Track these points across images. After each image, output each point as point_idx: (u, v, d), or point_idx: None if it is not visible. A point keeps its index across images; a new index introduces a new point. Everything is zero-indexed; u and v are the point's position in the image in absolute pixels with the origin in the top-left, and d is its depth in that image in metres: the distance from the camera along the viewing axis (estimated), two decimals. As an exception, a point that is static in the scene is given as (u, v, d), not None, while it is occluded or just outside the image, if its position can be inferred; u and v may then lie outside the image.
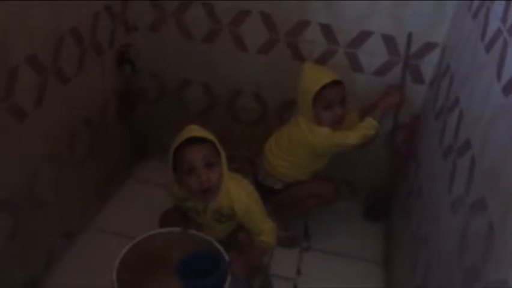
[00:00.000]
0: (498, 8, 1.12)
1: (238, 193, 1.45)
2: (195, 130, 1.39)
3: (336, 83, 1.58)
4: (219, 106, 2.02)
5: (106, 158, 1.91)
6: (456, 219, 1.11)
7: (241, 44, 1.82)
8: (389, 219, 1.98)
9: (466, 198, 1.06)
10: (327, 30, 1.71)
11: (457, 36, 1.47)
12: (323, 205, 1.78)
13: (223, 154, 1.42)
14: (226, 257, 1.39)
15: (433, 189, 1.38)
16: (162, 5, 1.82)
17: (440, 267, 1.15)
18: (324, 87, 1.56)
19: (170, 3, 1.81)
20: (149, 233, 1.47)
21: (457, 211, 1.12)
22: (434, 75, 1.68)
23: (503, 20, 1.07)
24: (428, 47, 1.65)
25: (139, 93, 2.03)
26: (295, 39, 1.76)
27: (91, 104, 1.71)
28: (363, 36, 1.69)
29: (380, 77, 1.76)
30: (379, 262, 1.84)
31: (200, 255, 1.42)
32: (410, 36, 1.64)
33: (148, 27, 1.88)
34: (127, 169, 2.14)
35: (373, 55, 1.72)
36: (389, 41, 1.68)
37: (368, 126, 1.62)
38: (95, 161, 1.82)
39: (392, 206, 1.95)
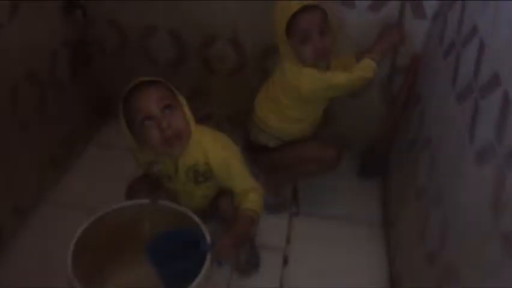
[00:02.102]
0: None
1: (212, 145, 1.23)
2: (143, 78, 1.17)
3: (309, 9, 1.32)
4: (190, 56, 1.75)
5: (61, 121, 1.65)
6: (485, 172, 0.90)
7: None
8: (387, 175, 1.78)
9: (499, 147, 0.85)
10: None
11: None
12: (322, 171, 1.56)
13: (181, 97, 1.20)
14: (207, 237, 1.16)
15: (447, 138, 1.16)
16: None
17: (464, 231, 0.96)
18: (294, 16, 1.31)
19: None
20: (112, 206, 1.24)
21: (485, 162, 0.91)
22: (437, 8, 1.44)
23: None
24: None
25: (94, 44, 1.74)
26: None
27: (33, 55, 1.43)
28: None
29: (374, 12, 1.51)
30: (378, 224, 1.66)
31: (176, 232, 1.20)
32: (410, -40, 1.39)
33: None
34: (88, 133, 1.87)
35: (367, -14, 1.47)
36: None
37: (365, 67, 1.38)
38: (47, 124, 1.55)
39: (389, 161, 1.75)
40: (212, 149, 1.22)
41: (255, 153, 1.56)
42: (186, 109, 1.19)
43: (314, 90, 1.39)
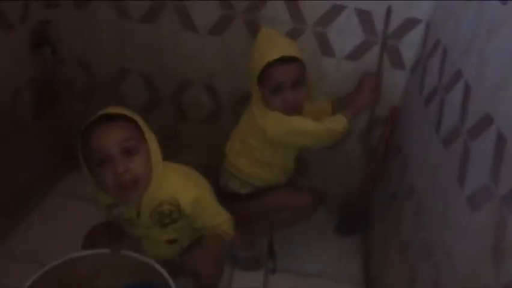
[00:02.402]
0: None
1: (183, 184, 1.13)
2: (109, 109, 1.05)
3: (287, 60, 1.26)
4: (163, 101, 1.68)
5: (20, 166, 1.51)
6: (480, 218, 0.83)
7: (189, 23, 1.51)
8: (366, 231, 1.69)
9: (496, 189, 0.79)
10: (292, 5, 1.44)
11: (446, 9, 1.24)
12: (298, 220, 1.46)
13: (150, 135, 1.08)
14: (173, 286, 1.04)
15: (433, 186, 1.10)
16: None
17: (460, 285, 0.87)
18: (269, 66, 1.25)
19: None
20: (67, 256, 1.10)
21: (479, 207, 0.84)
22: (416, 58, 1.44)
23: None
24: (410, 23, 1.41)
25: (62, 85, 1.66)
26: (254, 15, 1.46)
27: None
28: (335, 11, 1.43)
29: (353, 61, 1.50)
30: (358, 282, 1.54)
31: (138, 286, 1.06)
32: (389, 10, 1.40)
33: (73, 3, 1.52)
34: (50, 181, 1.73)
35: (346, 35, 1.46)
36: (364, 17, 1.42)
37: (337, 121, 1.33)
38: (2, 168, 1.42)
39: (369, 216, 1.67)
40: (183, 188, 1.12)
41: (226, 201, 1.46)
42: (154, 146, 1.08)
43: (279, 133, 1.31)
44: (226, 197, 1.44)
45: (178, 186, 1.12)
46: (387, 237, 1.41)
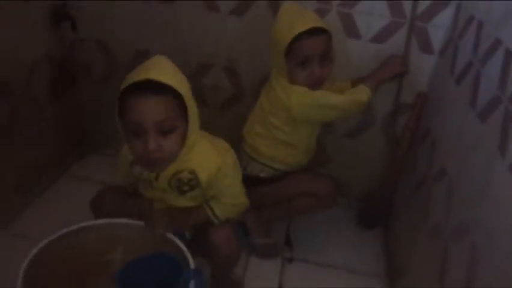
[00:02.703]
0: None
1: (205, 157, 1.07)
2: (156, 67, 0.96)
3: (315, 33, 1.22)
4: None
5: (32, 146, 1.47)
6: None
7: (210, 2, 1.48)
8: (390, 223, 1.61)
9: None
10: (317, -16, 1.40)
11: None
12: (317, 208, 1.40)
13: (192, 109, 1.01)
14: (191, 262, 0.98)
15: (467, 163, 1.03)
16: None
17: (501, 263, 0.79)
18: (298, 38, 1.21)
19: None
20: (73, 227, 1.04)
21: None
22: (446, 40, 1.38)
23: None
24: (440, 4, 1.36)
25: (81, 66, 1.63)
26: (278, -6, 1.43)
27: (8, 63, 1.29)
28: (361, -9, 1.39)
29: (379, 43, 1.44)
30: (381, 275, 1.46)
31: (152, 257, 1.01)
32: (418, -10, 1.35)
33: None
34: (61, 164, 1.69)
35: (372, 16, 1.41)
36: (392, -3, 1.38)
37: (359, 92, 1.30)
38: (15, 146, 1.38)
39: (392, 208, 1.60)
40: (205, 161, 1.06)
41: (246, 186, 1.40)
42: (192, 121, 1.01)
43: (304, 107, 1.27)
44: (246, 182, 1.39)
45: (201, 159, 1.07)
46: (414, 226, 1.33)
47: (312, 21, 1.23)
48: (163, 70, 0.97)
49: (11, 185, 1.42)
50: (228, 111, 1.65)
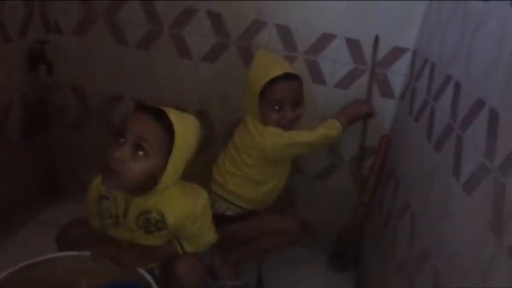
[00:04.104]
0: None
1: (177, 203, 1.08)
2: (171, 109, 1.06)
3: (288, 78, 1.30)
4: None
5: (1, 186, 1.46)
6: (478, 195, 0.81)
7: (184, 50, 1.56)
8: (359, 265, 1.62)
9: (491, 164, 0.78)
10: (284, 33, 1.50)
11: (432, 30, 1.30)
12: (285, 245, 1.41)
13: (179, 154, 1.03)
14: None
15: (428, 192, 1.08)
16: (90, 4, 1.54)
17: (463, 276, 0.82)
18: (272, 82, 1.28)
19: (100, 2, 1.53)
20: (41, 258, 1.03)
21: (476, 186, 0.82)
22: (405, 85, 1.48)
23: None
24: (397, 52, 1.47)
25: (55, 110, 1.66)
26: (248, 43, 1.52)
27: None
28: (325, 40, 1.49)
29: (343, 89, 1.53)
30: (353, 317, 1.45)
31: (118, 285, 0.99)
32: (377, 39, 1.46)
33: (72, 31, 1.57)
34: (31, 209, 1.66)
35: (336, 63, 1.51)
36: (353, 46, 1.48)
37: (330, 126, 1.36)
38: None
39: (361, 250, 1.61)
40: (176, 202, 1.08)
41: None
42: (172, 168, 1.03)
43: (278, 147, 1.32)
44: (212, 220, 1.40)
45: (171, 202, 1.08)
46: (383, 264, 1.35)
47: (286, 67, 1.32)
48: (177, 114, 1.08)
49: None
50: (199, 152, 1.67)
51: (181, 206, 1.08)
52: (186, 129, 1.04)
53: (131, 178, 1.00)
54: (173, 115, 1.03)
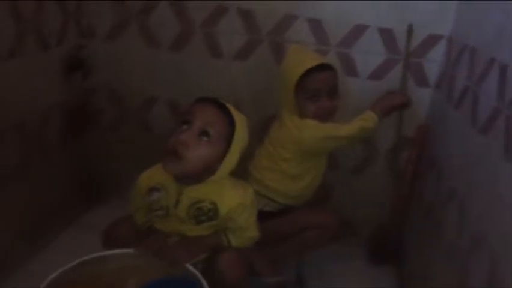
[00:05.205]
0: None
1: (232, 190, 1.12)
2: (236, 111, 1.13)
3: (323, 68, 1.30)
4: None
5: (40, 192, 1.48)
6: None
7: (215, 49, 1.57)
8: (401, 257, 1.59)
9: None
10: (316, 27, 1.49)
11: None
12: (323, 240, 1.40)
13: (237, 146, 1.10)
14: (205, 285, 0.97)
15: (476, 177, 1.06)
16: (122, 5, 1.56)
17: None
18: (307, 73, 1.29)
19: (133, 3, 1.56)
20: (89, 256, 1.04)
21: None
22: (441, 73, 1.46)
23: None
24: (432, 40, 1.45)
25: (92, 114, 1.68)
26: (280, 38, 1.52)
27: (26, 104, 1.34)
28: (358, 31, 1.48)
29: (377, 81, 1.52)
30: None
31: (166, 282, 1.00)
32: (410, 28, 1.45)
33: (106, 35, 1.60)
34: (72, 213, 1.69)
35: (369, 54, 1.50)
36: (386, 35, 1.47)
37: (366, 118, 1.34)
38: (22, 192, 1.38)
39: (402, 242, 1.59)
40: (228, 192, 1.11)
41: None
42: (231, 157, 1.09)
43: (315, 140, 1.32)
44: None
45: (224, 193, 1.11)
46: (429, 253, 1.33)
47: (319, 58, 1.33)
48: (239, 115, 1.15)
49: (16, 232, 1.40)
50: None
51: (233, 196, 1.11)
52: (243, 123, 1.12)
53: (193, 163, 1.04)
54: (232, 109, 1.11)
